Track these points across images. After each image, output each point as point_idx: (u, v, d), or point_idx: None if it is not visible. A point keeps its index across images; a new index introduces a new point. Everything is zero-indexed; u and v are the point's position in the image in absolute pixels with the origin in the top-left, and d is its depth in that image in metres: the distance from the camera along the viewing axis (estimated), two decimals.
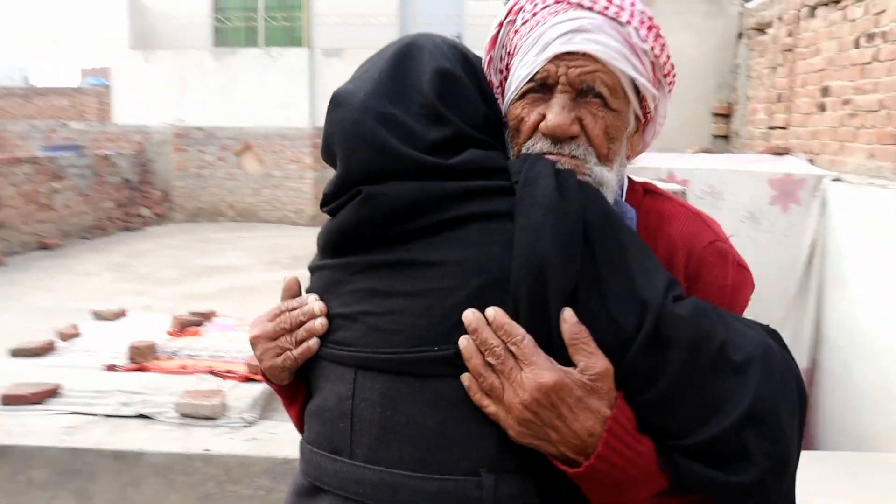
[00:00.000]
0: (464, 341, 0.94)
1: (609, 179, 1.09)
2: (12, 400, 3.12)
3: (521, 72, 1.09)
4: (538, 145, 1.08)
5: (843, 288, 4.23)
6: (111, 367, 3.59)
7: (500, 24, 1.15)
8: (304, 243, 9.07)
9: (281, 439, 2.71)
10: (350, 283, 1.04)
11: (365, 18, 14.18)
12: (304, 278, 1.17)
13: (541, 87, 1.08)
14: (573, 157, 1.07)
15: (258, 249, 8.76)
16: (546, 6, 1.08)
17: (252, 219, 10.97)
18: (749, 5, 7.78)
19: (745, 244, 4.42)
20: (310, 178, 10.74)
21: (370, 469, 0.98)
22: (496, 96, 1.17)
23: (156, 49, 13.77)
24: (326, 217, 1.11)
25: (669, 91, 1.16)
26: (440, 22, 15.04)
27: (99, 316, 4.77)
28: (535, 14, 1.09)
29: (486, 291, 0.97)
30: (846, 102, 4.94)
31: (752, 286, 1.16)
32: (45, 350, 3.88)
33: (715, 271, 1.10)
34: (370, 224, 1.02)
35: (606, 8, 1.06)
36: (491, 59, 1.17)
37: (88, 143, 10.84)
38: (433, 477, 0.96)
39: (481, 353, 0.93)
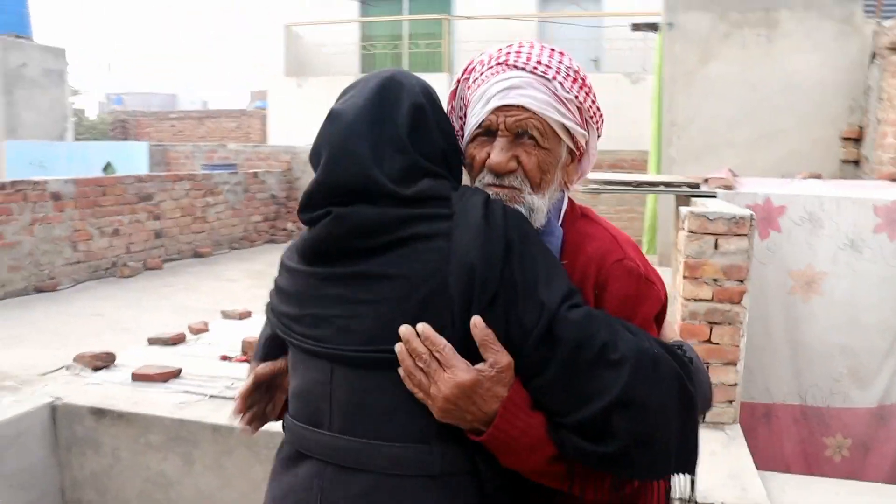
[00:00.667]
0: (398, 347, 1.20)
1: (540, 205, 1.33)
2: (141, 378, 3.69)
3: (472, 120, 1.35)
4: (486, 178, 1.33)
5: None
6: (225, 358, 4.12)
7: (458, 81, 1.42)
8: None
9: None
10: (322, 289, 1.28)
11: (503, 44, 14.58)
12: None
13: (486, 133, 1.33)
14: (511, 187, 1.31)
15: None
16: (490, 67, 1.35)
17: None
18: (886, 23, 7.47)
19: (844, 272, 4.37)
20: None
21: (344, 438, 1.24)
22: (458, 137, 1.42)
23: (308, 76, 14.81)
24: None
25: (598, 130, 1.41)
26: (578, 47, 15.22)
27: (226, 315, 5.38)
28: (482, 74, 1.35)
29: (430, 299, 1.20)
30: None
31: (658, 299, 1.37)
32: (176, 341, 4.48)
33: (618, 284, 1.31)
34: (338, 239, 1.26)
35: (535, 68, 1.31)
36: (452, 109, 1.43)
37: (242, 162, 11.88)
38: (392, 444, 1.22)
39: (412, 357, 1.20)
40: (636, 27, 9.29)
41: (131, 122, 19.65)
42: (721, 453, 3.16)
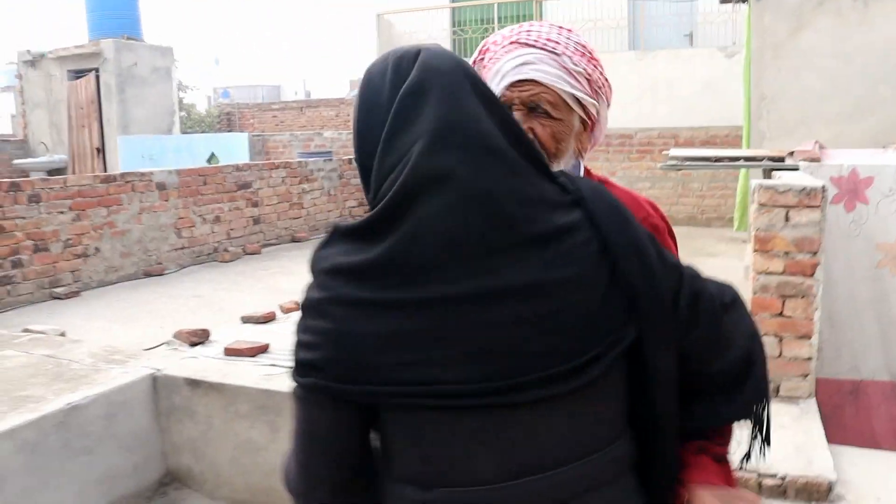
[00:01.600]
0: None
1: None
2: (232, 352, 3.97)
3: None
4: None
5: None
6: None
7: (475, 62, 1.46)
8: None
9: None
10: (458, 317, 0.97)
11: (595, 23, 14.41)
12: None
13: None
14: None
15: None
16: (503, 46, 1.41)
17: None
18: None
19: None
20: None
21: (564, 471, 1.04)
22: None
23: None
24: None
25: (608, 99, 1.47)
26: (671, 22, 14.86)
27: None
28: (496, 53, 1.42)
29: (608, 293, 1.04)
30: None
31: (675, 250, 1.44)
32: (267, 319, 4.76)
33: None
34: (476, 233, 0.98)
35: (546, 44, 1.38)
36: None
37: (338, 150, 12.26)
38: (610, 447, 1.09)
39: None
40: (724, 0, 9.03)
41: (235, 114, 20.48)
42: (791, 427, 3.14)
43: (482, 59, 1.46)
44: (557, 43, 1.39)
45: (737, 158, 5.01)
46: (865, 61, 7.11)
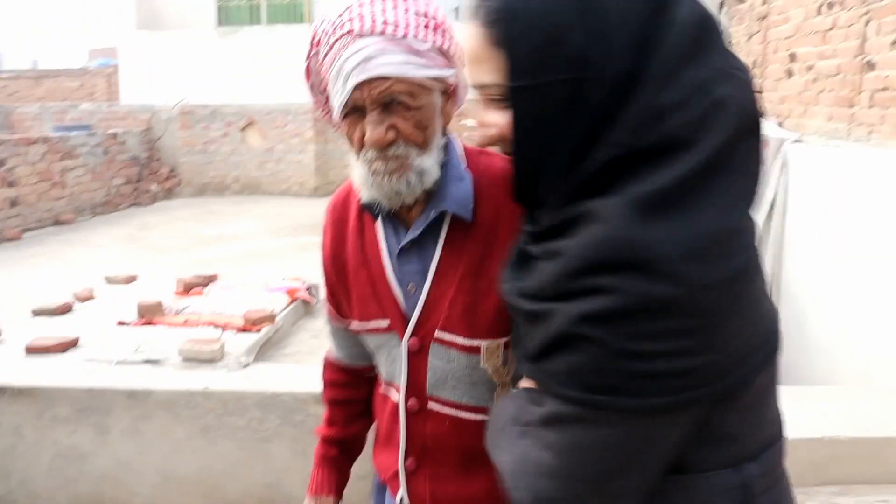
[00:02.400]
0: None
1: (428, 165, 1.29)
2: (36, 350, 3.51)
3: (336, 100, 1.25)
4: (370, 153, 1.26)
5: (801, 243, 4.52)
6: (122, 323, 3.97)
7: (308, 57, 1.31)
8: (306, 212, 9.41)
9: (271, 377, 3.04)
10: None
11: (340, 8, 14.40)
12: (298, 246, 1.44)
13: (354, 109, 1.25)
14: (397, 156, 1.26)
15: (263, 219, 9.09)
16: (337, 39, 1.22)
17: (256, 192, 11.29)
18: None
19: None
20: (311, 152, 11.03)
21: None
22: (324, 113, 1.37)
23: (161, 29, 14.04)
24: (331, 187, 1.21)
25: (462, 62, 1.27)
26: None
27: (111, 280, 5.15)
28: (331, 47, 1.23)
29: None
30: (810, 68, 5.19)
31: None
32: (63, 310, 4.27)
33: None
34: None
35: (383, 31, 1.20)
36: (312, 86, 1.34)
37: (98, 123, 11.19)
38: None
39: None
40: None
41: None
42: None
43: (316, 52, 1.28)
44: (396, 25, 1.22)
45: None
46: None
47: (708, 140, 0.86)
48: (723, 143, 0.86)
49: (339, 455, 1.71)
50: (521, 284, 0.99)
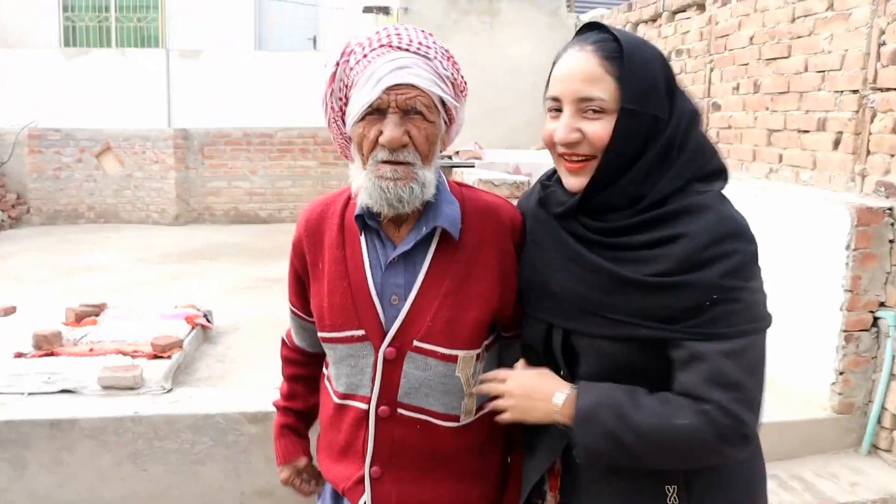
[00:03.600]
0: None
1: (430, 179, 1.46)
2: None
3: (361, 100, 1.40)
4: (380, 155, 1.41)
5: None
6: (19, 355, 3.84)
7: (337, 64, 1.46)
8: (171, 242, 9.17)
9: (199, 401, 3.07)
10: None
11: (221, 20, 14.27)
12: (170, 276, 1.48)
13: (376, 111, 1.40)
14: (406, 162, 1.41)
15: (126, 249, 8.75)
16: (373, 49, 1.42)
17: (114, 220, 10.82)
18: (583, 17, 8.71)
19: None
20: (172, 179, 10.74)
21: None
22: (336, 119, 1.50)
23: (2, 48, 13.20)
24: (193, 214, 1.43)
25: (464, 100, 1.54)
26: (295, 24, 15.31)
27: None
28: (365, 55, 1.42)
29: None
30: None
31: None
32: None
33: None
34: None
35: (418, 49, 1.42)
36: (332, 91, 1.48)
37: None
38: None
39: None
40: (367, 9, 9.72)
41: None
42: None
43: (347, 61, 1.45)
44: (429, 48, 1.44)
45: None
46: (495, 74, 8.35)
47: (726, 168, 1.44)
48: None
49: (299, 423, 1.86)
50: (645, 269, 1.31)
